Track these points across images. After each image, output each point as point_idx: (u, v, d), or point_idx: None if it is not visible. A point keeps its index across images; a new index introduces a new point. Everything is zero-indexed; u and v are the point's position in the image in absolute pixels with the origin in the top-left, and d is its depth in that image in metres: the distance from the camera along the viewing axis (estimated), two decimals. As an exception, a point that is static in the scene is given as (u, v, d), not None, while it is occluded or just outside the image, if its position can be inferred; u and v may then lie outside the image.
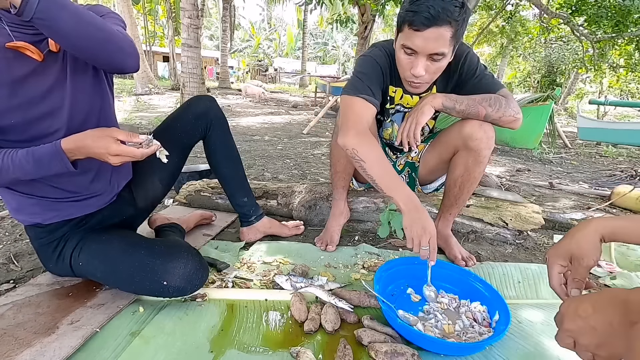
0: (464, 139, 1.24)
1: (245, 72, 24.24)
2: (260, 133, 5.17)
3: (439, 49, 1.06)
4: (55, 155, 0.87)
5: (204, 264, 1.05)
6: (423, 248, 1.02)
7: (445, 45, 1.06)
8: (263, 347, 0.92)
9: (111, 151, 0.89)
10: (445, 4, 1.00)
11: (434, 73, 1.14)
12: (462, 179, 1.31)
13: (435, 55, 1.08)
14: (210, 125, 1.32)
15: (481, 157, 1.24)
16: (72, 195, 1.05)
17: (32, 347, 0.85)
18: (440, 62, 1.11)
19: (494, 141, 1.24)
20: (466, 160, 1.27)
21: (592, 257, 0.67)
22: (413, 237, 1.03)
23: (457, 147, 1.29)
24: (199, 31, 6.28)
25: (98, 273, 1.03)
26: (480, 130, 1.21)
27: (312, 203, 1.71)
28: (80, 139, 0.89)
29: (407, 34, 1.07)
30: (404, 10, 1.07)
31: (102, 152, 0.89)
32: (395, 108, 1.42)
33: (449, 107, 1.19)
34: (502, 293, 1.15)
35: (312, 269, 1.30)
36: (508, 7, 8.20)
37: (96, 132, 0.91)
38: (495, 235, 1.62)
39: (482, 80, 1.24)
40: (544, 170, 3.73)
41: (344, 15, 9.18)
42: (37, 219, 1.03)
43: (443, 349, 0.92)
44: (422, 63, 1.10)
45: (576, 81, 14.65)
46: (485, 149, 1.23)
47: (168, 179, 1.32)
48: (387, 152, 1.63)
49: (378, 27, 14.60)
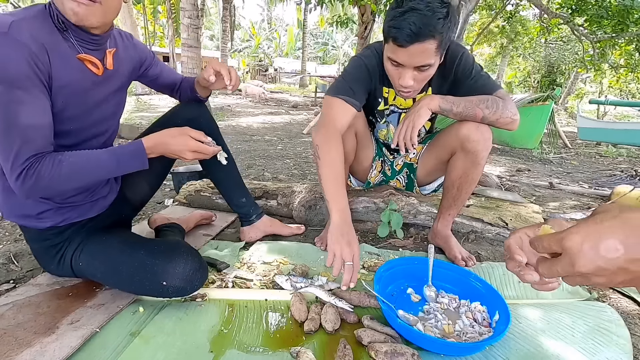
0: (461, 141, 1.24)
1: (245, 72, 24.23)
2: (260, 133, 5.17)
3: (425, 62, 1.06)
4: (138, 153, 0.96)
5: (204, 265, 1.05)
6: (347, 263, 0.98)
7: (430, 57, 1.06)
8: (263, 347, 0.92)
9: (190, 147, 1.01)
10: (427, 19, 0.99)
11: (422, 81, 1.15)
12: (460, 180, 1.31)
13: (421, 67, 1.08)
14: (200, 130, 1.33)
15: (479, 159, 1.24)
16: (87, 198, 1.07)
17: (32, 347, 0.85)
18: (428, 71, 1.11)
19: (491, 142, 1.24)
20: (464, 162, 1.27)
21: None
22: (335, 251, 0.98)
23: (455, 148, 1.29)
24: (199, 31, 6.28)
25: (98, 274, 1.03)
26: (477, 132, 1.21)
27: (312, 203, 1.71)
28: (159, 137, 0.99)
29: (392, 48, 1.08)
30: (387, 25, 1.07)
31: (182, 148, 1.00)
32: (390, 109, 1.43)
33: (446, 110, 1.19)
34: (502, 293, 1.15)
35: (312, 269, 1.30)
36: (508, 7, 8.20)
37: (172, 131, 1.01)
38: (495, 235, 1.62)
39: (478, 81, 1.23)
40: (544, 170, 3.73)
41: (344, 16, 9.18)
42: (48, 223, 1.03)
43: (443, 349, 0.92)
44: (409, 74, 1.11)
45: (576, 81, 14.63)
46: (482, 150, 1.23)
47: (157, 179, 1.37)
48: (384, 153, 1.63)
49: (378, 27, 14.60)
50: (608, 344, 0.97)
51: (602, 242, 0.42)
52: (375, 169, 1.62)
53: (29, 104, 0.82)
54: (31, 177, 0.84)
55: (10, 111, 0.80)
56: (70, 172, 0.88)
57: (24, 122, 0.81)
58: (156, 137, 0.99)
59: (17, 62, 0.79)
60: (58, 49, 0.87)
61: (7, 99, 0.79)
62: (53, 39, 0.86)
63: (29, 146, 0.83)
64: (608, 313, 1.10)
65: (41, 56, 0.82)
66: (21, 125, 0.81)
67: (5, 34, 0.77)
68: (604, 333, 1.01)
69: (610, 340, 0.98)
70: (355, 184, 1.72)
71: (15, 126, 0.81)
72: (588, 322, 1.05)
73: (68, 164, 0.87)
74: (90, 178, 0.92)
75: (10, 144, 0.82)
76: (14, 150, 0.82)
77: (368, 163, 1.59)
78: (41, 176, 0.84)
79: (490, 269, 1.36)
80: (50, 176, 0.85)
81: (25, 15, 0.83)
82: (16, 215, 1.02)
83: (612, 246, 0.41)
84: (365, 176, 1.64)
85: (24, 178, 0.83)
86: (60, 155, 0.88)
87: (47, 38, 0.84)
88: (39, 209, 1.00)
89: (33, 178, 0.84)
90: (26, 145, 0.83)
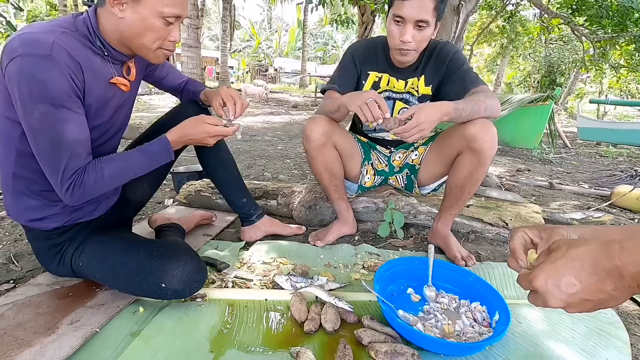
0: (467, 141, 1.25)
1: (245, 72, 24.21)
2: (260, 133, 5.18)
3: (423, 17, 1.22)
4: (165, 149, 1.03)
5: (203, 267, 1.05)
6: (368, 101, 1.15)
7: (428, 14, 1.23)
8: (263, 347, 0.92)
9: (212, 133, 1.07)
10: None
11: (419, 42, 1.29)
12: (464, 180, 1.32)
13: (420, 22, 1.23)
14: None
15: (485, 158, 1.25)
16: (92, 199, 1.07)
17: (32, 347, 0.85)
18: (425, 31, 1.26)
19: (497, 142, 1.25)
20: (470, 161, 1.28)
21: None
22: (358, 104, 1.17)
23: (461, 148, 1.30)
24: (199, 31, 6.28)
25: (97, 274, 1.04)
26: (483, 131, 1.22)
27: (312, 203, 1.71)
28: (180, 130, 1.06)
29: (396, 5, 1.25)
30: None
31: (203, 135, 1.07)
32: (385, 94, 1.47)
33: (455, 118, 1.21)
34: (502, 293, 1.15)
35: (312, 269, 1.30)
36: (508, 7, 8.20)
37: (190, 122, 1.07)
38: (495, 235, 1.62)
39: (467, 72, 1.36)
40: (544, 170, 3.73)
41: (344, 16, 9.18)
42: (53, 225, 1.04)
43: (443, 349, 0.92)
44: (410, 31, 1.25)
45: (576, 81, 14.63)
46: (489, 149, 1.24)
47: (157, 179, 1.38)
48: (378, 149, 1.63)
49: (378, 27, 14.60)
50: (607, 345, 0.97)
51: (561, 280, 0.49)
52: (368, 173, 1.63)
53: (73, 121, 0.87)
54: (79, 187, 0.90)
55: (56, 129, 0.85)
56: (111, 176, 0.95)
57: (70, 139, 0.87)
58: (177, 130, 1.06)
59: (60, 82, 0.83)
60: (92, 67, 0.92)
61: (53, 117, 0.84)
62: (87, 57, 0.91)
63: (75, 160, 0.89)
64: (608, 315, 1.10)
65: (78, 74, 0.87)
66: (68, 141, 0.87)
67: (49, 55, 0.81)
68: (603, 335, 1.01)
69: (609, 342, 0.98)
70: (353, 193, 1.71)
71: (62, 143, 0.86)
72: (588, 324, 1.05)
73: (109, 170, 0.95)
74: (128, 177, 1.00)
75: (58, 160, 0.87)
76: (62, 165, 0.88)
77: (357, 170, 1.60)
78: (87, 185, 0.91)
79: (490, 269, 1.36)
80: (95, 183, 0.92)
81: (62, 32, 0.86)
82: (23, 218, 1.03)
83: (570, 282, 0.49)
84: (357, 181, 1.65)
85: (72, 189, 0.90)
86: (100, 163, 0.94)
87: (82, 56, 0.89)
88: (48, 212, 1.02)
89: (81, 188, 0.91)
90: (72, 159, 0.88)
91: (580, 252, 0.49)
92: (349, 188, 1.68)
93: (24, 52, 0.79)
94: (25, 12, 17.76)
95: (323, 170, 1.45)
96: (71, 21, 0.91)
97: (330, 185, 1.50)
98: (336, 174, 1.48)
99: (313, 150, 1.39)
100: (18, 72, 0.80)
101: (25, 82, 0.80)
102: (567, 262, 0.50)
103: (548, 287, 0.50)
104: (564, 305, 0.50)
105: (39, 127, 0.84)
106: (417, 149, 1.57)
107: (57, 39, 0.83)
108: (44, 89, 0.81)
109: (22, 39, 0.80)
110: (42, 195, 0.99)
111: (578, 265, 0.48)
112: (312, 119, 1.39)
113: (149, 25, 0.90)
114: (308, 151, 1.42)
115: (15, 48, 0.80)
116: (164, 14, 0.89)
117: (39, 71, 0.80)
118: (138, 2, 0.87)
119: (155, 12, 0.89)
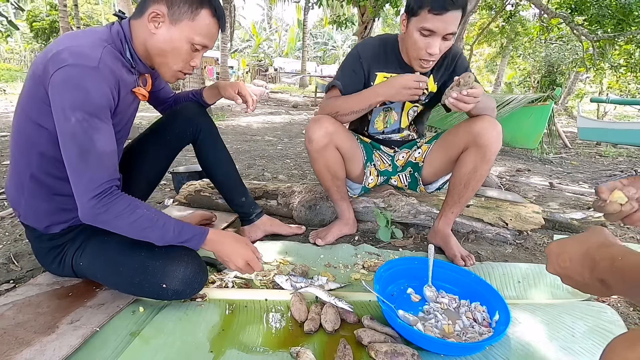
0: (474, 136, 1.28)
1: (245, 72, 24.21)
2: (260, 133, 5.18)
3: (453, 30, 1.22)
4: (198, 239, 0.98)
5: (204, 268, 1.05)
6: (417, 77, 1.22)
7: (456, 26, 1.22)
8: (263, 347, 0.92)
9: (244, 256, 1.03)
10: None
11: (442, 52, 1.28)
12: (468, 176, 1.33)
13: (448, 35, 1.22)
14: (198, 131, 1.35)
15: (490, 154, 1.28)
16: None
17: (32, 347, 0.85)
18: (450, 41, 1.26)
19: (502, 139, 1.29)
20: (475, 157, 1.31)
21: None
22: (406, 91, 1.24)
23: (467, 144, 1.32)
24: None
25: (98, 274, 1.04)
26: (489, 126, 1.26)
27: (312, 203, 1.71)
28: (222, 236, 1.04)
29: (425, 17, 1.20)
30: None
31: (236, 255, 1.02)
32: None
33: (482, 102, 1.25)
34: (502, 293, 1.15)
35: (312, 269, 1.30)
36: (508, 7, 8.20)
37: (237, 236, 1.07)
38: (495, 235, 1.62)
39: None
40: (544, 170, 3.73)
41: (344, 17, 9.18)
42: (62, 227, 1.05)
43: (443, 349, 0.92)
44: (438, 43, 1.23)
45: (576, 81, 14.62)
46: (494, 144, 1.27)
47: (154, 178, 1.39)
48: (382, 149, 1.63)
49: (377, 27, 14.60)
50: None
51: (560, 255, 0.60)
52: (371, 175, 1.63)
53: (104, 133, 0.89)
54: (104, 205, 0.88)
55: (88, 138, 0.86)
56: (136, 221, 0.91)
57: (100, 149, 0.87)
58: (220, 234, 1.04)
59: (103, 94, 0.87)
60: (125, 83, 0.96)
61: (87, 125, 0.85)
62: (122, 71, 0.94)
63: (103, 171, 0.89)
64: (608, 314, 1.10)
65: (115, 89, 0.91)
66: (98, 151, 0.87)
67: (97, 68, 0.85)
68: (603, 334, 1.01)
69: (609, 341, 0.98)
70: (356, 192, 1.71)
71: (91, 152, 0.86)
72: (588, 323, 1.05)
73: (140, 213, 0.91)
74: (145, 235, 0.94)
75: (85, 168, 0.87)
76: (89, 174, 0.87)
77: (359, 170, 1.60)
78: (111, 211, 0.89)
79: (490, 269, 1.36)
80: (118, 216, 0.89)
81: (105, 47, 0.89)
82: (34, 221, 1.03)
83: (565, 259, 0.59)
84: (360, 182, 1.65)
85: (96, 203, 0.87)
86: (137, 202, 0.93)
87: (119, 71, 0.93)
88: (60, 219, 1.03)
89: (104, 209, 0.88)
90: (100, 170, 0.88)
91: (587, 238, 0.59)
92: (351, 188, 1.68)
93: (74, 62, 0.83)
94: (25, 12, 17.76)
95: (325, 171, 1.46)
96: (108, 33, 0.94)
97: (332, 186, 1.51)
98: (338, 175, 1.49)
99: (315, 151, 1.40)
100: (65, 79, 0.83)
101: (70, 89, 0.83)
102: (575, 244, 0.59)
103: (551, 256, 0.62)
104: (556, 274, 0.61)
105: (73, 133, 0.85)
106: (420, 147, 1.57)
107: (103, 54, 0.87)
108: (87, 97, 0.84)
109: (71, 51, 0.84)
110: (55, 200, 1.01)
111: (578, 249, 0.58)
112: (314, 120, 1.39)
113: (177, 47, 0.95)
114: (310, 152, 1.42)
115: (64, 58, 0.83)
116: (194, 40, 0.95)
117: (86, 80, 0.84)
118: (174, 24, 0.93)
119: (186, 37, 0.94)
